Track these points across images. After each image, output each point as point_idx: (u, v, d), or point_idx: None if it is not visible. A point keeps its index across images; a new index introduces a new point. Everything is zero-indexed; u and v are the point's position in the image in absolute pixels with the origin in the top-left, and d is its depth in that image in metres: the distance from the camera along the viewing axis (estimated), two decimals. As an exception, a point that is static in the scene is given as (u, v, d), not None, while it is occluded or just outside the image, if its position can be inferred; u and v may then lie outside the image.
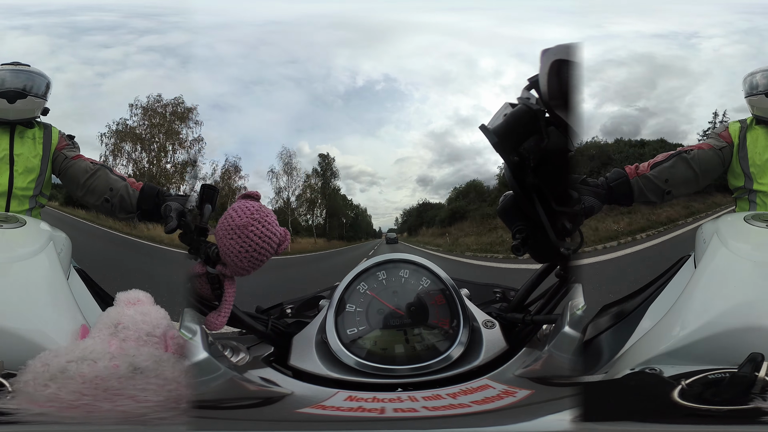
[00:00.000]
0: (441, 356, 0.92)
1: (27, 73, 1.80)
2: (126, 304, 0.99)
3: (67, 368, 0.81)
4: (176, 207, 1.33)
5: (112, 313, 0.96)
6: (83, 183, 1.73)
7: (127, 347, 0.88)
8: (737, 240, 1.18)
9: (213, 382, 0.79)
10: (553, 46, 0.79)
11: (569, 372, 0.81)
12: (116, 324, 0.93)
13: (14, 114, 1.74)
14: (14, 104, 1.73)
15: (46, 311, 1.04)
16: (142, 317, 0.95)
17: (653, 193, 1.56)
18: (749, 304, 0.96)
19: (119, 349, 0.87)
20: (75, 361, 0.82)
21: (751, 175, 1.66)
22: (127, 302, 1.00)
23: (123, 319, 0.93)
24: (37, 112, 1.82)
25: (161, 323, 0.95)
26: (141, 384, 0.81)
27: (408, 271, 1.04)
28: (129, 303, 1.00)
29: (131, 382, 0.81)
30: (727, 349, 0.90)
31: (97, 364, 0.81)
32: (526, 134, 0.85)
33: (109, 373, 0.81)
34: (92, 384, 0.80)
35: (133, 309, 0.97)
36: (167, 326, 0.96)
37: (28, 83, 1.78)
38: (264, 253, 0.86)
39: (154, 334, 0.93)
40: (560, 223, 0.87)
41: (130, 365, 0.83)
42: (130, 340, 0.90)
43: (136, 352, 0.86)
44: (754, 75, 1.74)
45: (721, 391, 0.79)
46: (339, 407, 0.82)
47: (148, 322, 0.94)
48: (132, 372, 0.82)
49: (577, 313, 0.84)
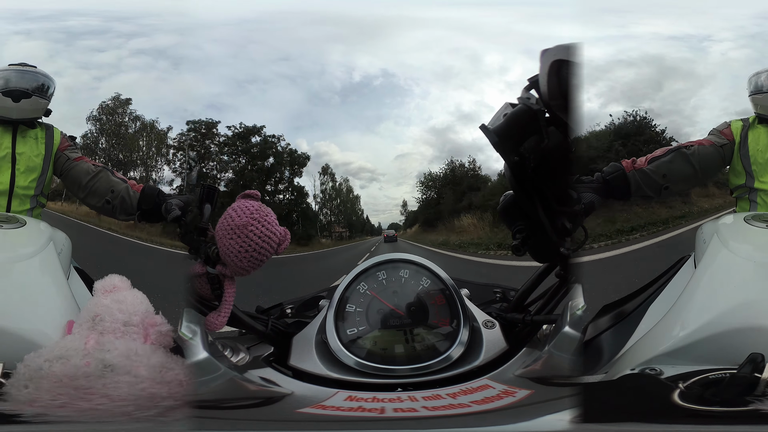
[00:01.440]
0: (441, 356, 0.92)
1: (33, 74, 1.81)
2: (102, 293, 0.95)
3: (41, 367, 0.80)
4: (177, 202, 1.34)
5: (90, 305, 0.92)
6: (85, 184, 1.74)
7: (104, 341, 0.85)
8: (737, 240, 1.18)
9: (213, 382, 0.79)
10: (553, 46, 0.79)
11: (569, 372, 0.81)
12: (94, 316, 0.89)
13: (18, 113, 1.75)
14: (19, 103, 1.74)
15: (46, 311, 1.04)
16: (118, 306, 0.91)
17: (650, 187, 1.54)
18: (749, 304, 0.96)
19: (96, 344, 0.84)
20: (50, 360, 0.80)
21: (753, 173, 1.66)
22: (103, 291, 0.96)
23: (99, 310, 0.90)
24: (40, 113, 1.83)
25: (138, 309, 0.91)
26: (111, 382, 0.79)
27: (408, 271, 1.04)
28: (105, 291, 0.95)
29: (101, 380, 0.79)
30: (727, 350, 0.90)
31: (69, 363, 0.80)
32: (526, 134, 0.85)
33: (80, 372, 0.79)
34: (64, 383, 0.78)
35: (110, 297, 0.93)
36: (145, 312, 0.92)
37: (33, 84, 1.79)
38: (264, 252, 0.86)
39: (132, 323, 0.89)
40: (560, 223, 0.87)
41: (100, 362, 0.80)
42: (108, 333, 0.87)
43: (111, 346, 0.84)
44: (759, 75, 1.75)
45: (722, 392, 0.79)
46: (339, 407, 0.82)
47: (124, 311, 0.90)
48: (102, 370, 0.80)
49: (577, 313, 0.84)
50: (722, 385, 0.80)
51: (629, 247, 7.75)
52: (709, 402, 0.78)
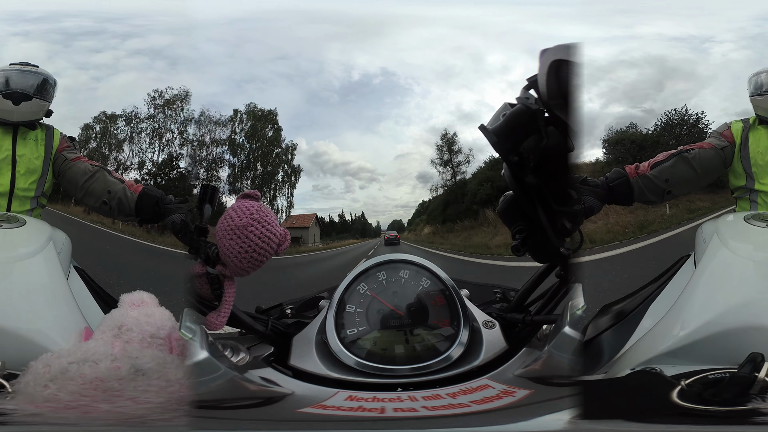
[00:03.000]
0: (441, 356, 0.92)
1: (34, 74, 1.79)
2: (130, 306, 0.99)
3: (68, 369, 0.81)
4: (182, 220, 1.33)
5: (115, 315, 0.96)
6: (82, 185, 1.72)
7: (131, 349, 0.88)
8: (737, 240, 1.18)
9: (213, 382, 0.79)
10: (553, 46, 0.79)
11: (569, 372, 0.81)
12: (120, 326, 0.93)
13: (18, 116, 1.74)
14: (19, 106, 1.73)
15: (45, 311, 1.04)
16: (146, 319, 0.95)
17: (653, 192, 1.55)
18: (749, 303, 0.96)
19: (122, 350, 0.87)
20: (77, 362, 0.82)
21: (753, 175, 1.65)
22: (131, 304, 1.00)
23: (127, 321, 0.93)
24: (41, 114, 1.81)
25: (165, 325, 0.95)
26: (142, 386, 0.81)
27: (408, 271, 1.04)
28: (133, 305, 0.99)
29: (132, 383, 0.81)
30: (727, 349, 0.90)
31: (98, 366, 0.81)
32: (525, 134, 0.85)
33: (110, 374, 0.81)
34: (92, 385, 0.80)
35: (138, 311, 0.97)
36: (172, 327, 0.96)
37: (34, 85, 1.77)
38: (264, 253, 0.86)
39: (159, 336, 0.93)
40: (560, 223, 0.86)
41: (131, 367, 0.83)
42: (134, 342, 0.90)
43: (139, 354, 0.86)
44: (759, 75, 1.73)
45: (721, 391, 0.79)
46: (339, 407, 0.82)
47: (152, 324, 0.94)
48: (134, 374, 0.82)
49: (577, 313, 0.84)
50: (722, 385, 0.80)
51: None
52: (709, 402, 0.78)
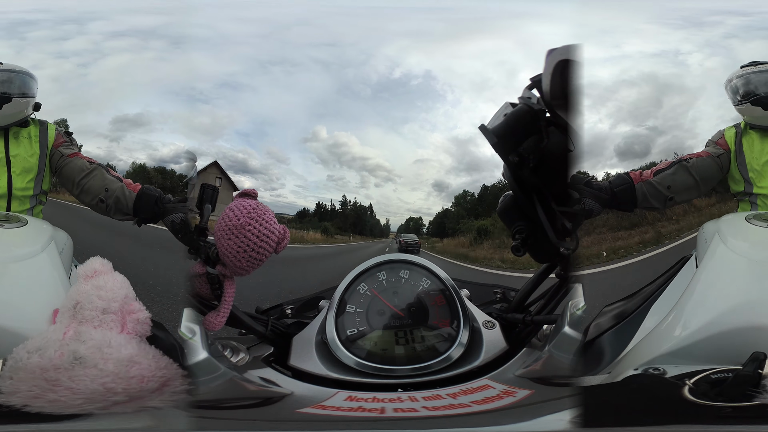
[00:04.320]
0: (441, 357, 0.92)
1: (5, 72, 1.74)
2: (84, 278, 0.91)
3: (23, 360, 0.80)
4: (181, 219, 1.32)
5: (71, 292, 0.90)
6: (78, 182, 1.70)
7: (82, 331, 0.84)
8: (738, 239, 1.17)
9: (213, 382, 0.79)
10: (560, 46, 0.79)
11: (569, 372, 0.81)
12: (75, 304, 0.87)
13: (2, 119, 1.70)
14: (0, 110, 1.69)
15: (47, 310, 1.04)
16: (97, 292, 0.88)
17: (656, 199, 1.59)
18: (751, 303, 0.96)
19: (74, 334, 0.83)
20: (30, 351, 0.81)
21: (751, 180, 1.67)
22: (84, 276, 0.92)
23: (80, 297, 0.88)
24: (28, 111, 1.77)
25: (117, 295, 0.89)
26: (76, 375, 0.79)
27: (408, 271, 1.04)
28: (86, 277, 0.92)
29: (69, 372, 0.79)
30: (729, 349, 0.90)
31: (45, 355, 0.80)
32: (526, 134, 0.85)
33: (51, 363, 0.79)
34: (37, 375, 0.79)
35: (90, 283, 0.90)
36: (124, 298, 0.90)
37: (9, 84, 1.72)
38: (263, 252, 0.85)
39: (110, 311, 0.87)
40: (560, 223, 0.86)
41: (71, 354, 0.80)
42: (87, 322, 0.85)
43: (88, 336, 0.82)
44: (730, 81, 1.76)
45: (725, 390, 0.79)
46: (339, 407, 0.82)
47: (104, 297, 0.88)
48: (72, 362, 0.80)
49: (577, 313, 0.84)
50: (726, 384, 0.79)
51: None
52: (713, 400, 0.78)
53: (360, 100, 6.45)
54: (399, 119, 6.93)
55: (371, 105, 6.54)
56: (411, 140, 7.01)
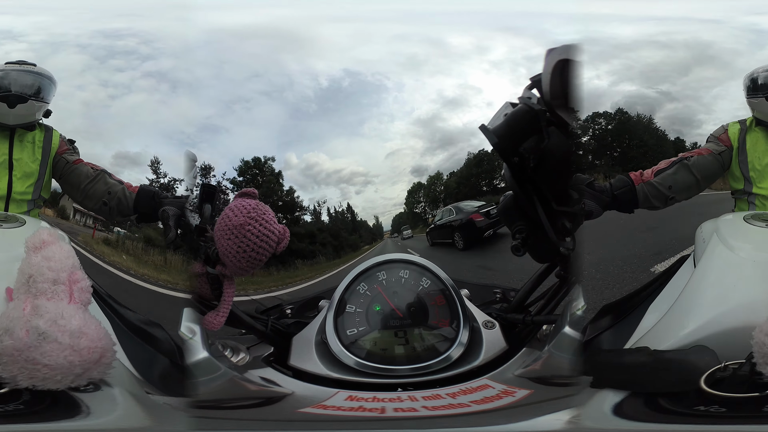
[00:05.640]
0: (441, 356, 0.92)
1: (32, 74, 1.75)
2: (33, 250, 0.89)
3: None
4: (174, 213, 1.31)
5: (23, 265, 0.88)
6: (83, 188, 1.72)
7: (39, 305, 0.82)
8: (737, 239, 1.18)
9: (213, 382, 0.79)
10: (559, 46, 0.79)
11: (569, 372, 0.81)
12: (28, 278, 0.86)
13: (14, 119, 1.71)
14: (14, 109, 1.69)
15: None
16: (47, 263, 0.86)
17: (658, 199, 1.58)
18: (749, 303, 0.96)
19: (32, 310, 0.81)
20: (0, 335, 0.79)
21: (751, 179, 1.67)
22: (33, 248, 0.89)
23: (32, 270, 0.86)
24: (39, 116, 1.78)
25: (65, 265, 0.87)
26: (46, 350, 0.78)
27: (408, 271, 1.04)
28: (36, 249, 0.89)
29: (39, 350, 0.78)
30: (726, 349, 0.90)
31: (14, 335, 0.78)
32: (526, 134, 0.85)
33: (22, 343, 0.78)
34: (15, 357, 0.78)
35: (40, 255, 0.88)
36: (71, 267, 0.88)
37: (31, 85, 1.73)
38: (263, 252, 0.85)
39: (60, 281, 0.85)
40: (560, 223, 0.86)
41: (35, 330, 0.79)
42: (41, 295, 0.84)
43: (44, 310, 0.81)
44: (753, 74, 1.72)
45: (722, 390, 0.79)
46: (339, 407, 0.82)
47: (53, 268, 0.86)
48: (37, 339, 0.79)
49: (577, 313, 0.84)
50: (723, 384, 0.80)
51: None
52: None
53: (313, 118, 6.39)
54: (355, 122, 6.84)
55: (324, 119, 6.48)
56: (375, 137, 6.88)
